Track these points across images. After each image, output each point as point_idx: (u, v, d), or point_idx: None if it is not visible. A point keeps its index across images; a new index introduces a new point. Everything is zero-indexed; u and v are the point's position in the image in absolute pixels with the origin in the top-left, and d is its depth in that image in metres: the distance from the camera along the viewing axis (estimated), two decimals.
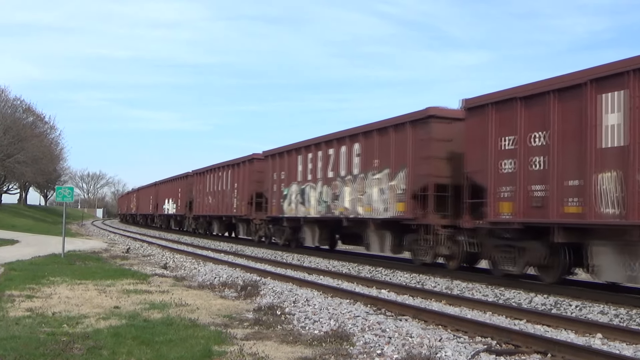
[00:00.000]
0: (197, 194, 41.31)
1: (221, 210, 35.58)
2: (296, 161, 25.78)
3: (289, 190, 26.12)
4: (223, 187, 35.47)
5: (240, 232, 34.26)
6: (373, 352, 7.54)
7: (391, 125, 19.13)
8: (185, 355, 7.09)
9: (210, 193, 38.05)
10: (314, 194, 23.74)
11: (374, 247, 20.24)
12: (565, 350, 7.46)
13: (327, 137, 23.38)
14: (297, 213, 25.11)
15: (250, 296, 12.44)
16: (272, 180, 28.17)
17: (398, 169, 18.52)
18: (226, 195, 34.79)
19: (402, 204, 18.22)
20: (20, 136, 55.40)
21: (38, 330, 8.32)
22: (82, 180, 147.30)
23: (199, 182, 40.95)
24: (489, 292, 13.92)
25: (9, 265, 17.34)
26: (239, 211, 32.44)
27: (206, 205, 38.85)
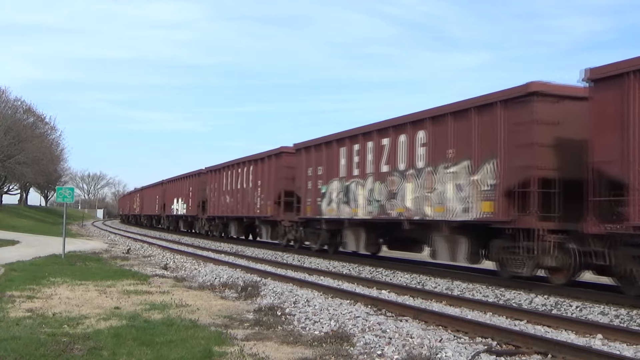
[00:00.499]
0: (211, 193, 38.01)
1: (241, 211, 32.33)
2: (337, 154, 22.23)
3: (329, 187, 22.76)
4: (243, 185, 32.09)
5: (263, 235, 30.54)
6: (373, 352, 7.54)
7: (473, 107, 15.68)
8: (186, 356, 7.09)
9: (227, 192, 34.79)
10: (363, 192, 20.45)
11: (442, 255, 16.99)
12: (566, 350, 7.46)
13: (380, 125, 19.90)
14: (340, 214, 21.82)
15: (251, 297, 12.44)
16: (305, 177, 24.65)
17: (483, 161, 15.26)
18: (247, 194, 31.44)
19: (490, 203, 14.93)
20: (21, 137, 55.42)
21: (38, 331, 8.32)
22: (83, 180, 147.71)
23: (214, 180, 37.66)
24: (490, 292, 13.92)
25: (9, 265, 17.35)
26: (263, 212, 29.05)
27: (222, 205, 35.59)
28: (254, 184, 30.60)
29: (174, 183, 50.60)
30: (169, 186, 52.26)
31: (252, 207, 30.47)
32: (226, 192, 35.05)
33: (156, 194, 57.91)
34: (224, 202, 35.36)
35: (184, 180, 46.36)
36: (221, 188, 35.98)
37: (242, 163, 32.89)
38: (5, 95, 57.27)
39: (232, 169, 34.33)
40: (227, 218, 35.40)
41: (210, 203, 38.14)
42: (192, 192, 43.28)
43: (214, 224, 38.67)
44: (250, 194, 30.93)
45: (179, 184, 47.98)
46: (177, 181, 49.24)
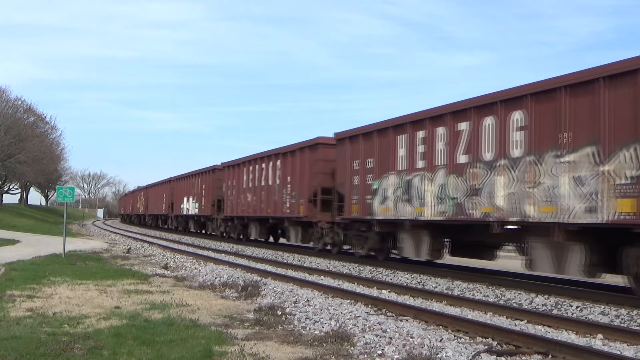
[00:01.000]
0: (228, 190, 34.55)
1: (265, 211, 28.97)
2: (394, 143, 18.93)
3: (382, 183, 19.46)
4: (269, 181, 28.65)
5: (291, 237, 26.86)
6: (374, 352, 7.54)
7: (602, 77, 12.49)
8: (186, 355, 7.09)
9: (248, 189, 31.31)
10: (431, 188, 17.18)
11: (543, 265, 14.01)
12: (566, 350, 7.45)
13: (455, 106, 16.62)
14: (399, 214, 18.47)
15: (251, 296, 12.43)
16: (350, 171, 21.36)
17: (618, 146, 12.10)
18: (273, 191, 28.07)
19: (630, 201, 11.80)
20: (21, 136, 55.44)
21: (39, 330, 8.31)
22: (83, 180, 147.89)
23: (232, 176, 34.14)
24: (490, 292, 13.91)
25: (9, 265, 17.35)
26: (293, 211, 25.66)
27: (242, 204, 32.17)
28: (282, 180, 27.18)
29: (183, 180, 46.79)
30: (177, 184, 48.75)
31: (280, 207, 27.16)
32: (247, 190, 31.62)
33: (163, 192, 54.52)
34: (244, 200, 31.97)
35: (196, 178, 42.74)
36: (241, 185, 32.64)
37: (267, 157, 29.20)
38: (5, 94, 57.37)
39: (254, 164, 30.83)
40: (248, 218, 31.93)
41: (228, 202, 34.70)
42: (206, 190, 39.83)
43: (231, 224, 35.27)
44: (277, 192, 27.59)
45: (190, 182, 44.27)
46: (188, 178, 45.25)
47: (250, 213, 31.18)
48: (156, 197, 58.28)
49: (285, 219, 26.69)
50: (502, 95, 15.03)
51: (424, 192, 17.47)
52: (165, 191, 53.10)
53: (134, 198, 78.25)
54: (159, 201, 56.21)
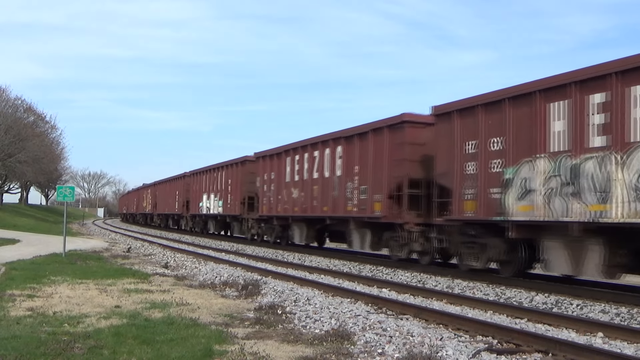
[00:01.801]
0: (264, 185, 29.23)
1: (318, 209, 23.52)
2: (544, 114, 13.82)
3: (521, 170, 14.35)
4: (324, 172, 23.30)
5: (354, 242, 21.56)
6: (374, 351, 7.54)
7: None
8: (186, 354, 7.09)
9: (293, 184, 25.91)
10: (622, 176, 11.99)
11: None
12: (567, 349, 7.46)
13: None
14: (555, 213, 13.34)
15: (251, 295, 12.43)
16: (460, 156, 16.14)
17: None
18: (330, 185, 22.69)
19: None
20: (21, 136, 55.41)
21: (39, 330, 8.31)
22: (83, 179, 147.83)
23: (269, 168, 28.82)
24: (490, 291, 13.91)
25: (10, 264, 17.34)
26: (364, 210, 20.29)
27: (284, 201, 26.79)
28: (345, 170, 21.74)
29: (203, 175, 41.02)
30: (195, 180, 42.91)
31: (341, 204, 21.78)
32: (291, 185, 26.19)
33: (175, 189, 48.95)
34: (286, 197, 26.57)
35: (219, 171, 37.12)
36: (282, 179, 27.07)
37: (322, 143, 23.66)
38: (5, 94, 57.30)
39: (302, 152, 25.37)
40: (292, 219, 26.37)
41: (263, 199, 29.25)
42: (233, 185, 34.38)
43: (266, 226, 29.92)
44: (337, 186, 22.17)
45: (211, 177, 38.76)
46: (209, 173, 39.63)
47: (295, 212, 25.74)
48: (167, 195, 53.00)
49: (351, 220, 21.11)
50: None
51: (606, 181, 12.29)
52: (179, 188, 47.78)
53: (139, 196, 72.65)
54: (171, 199, 51.04)
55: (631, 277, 14.24)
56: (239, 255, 24.07)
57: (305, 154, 25.08)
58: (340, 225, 22.65)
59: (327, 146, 23.26)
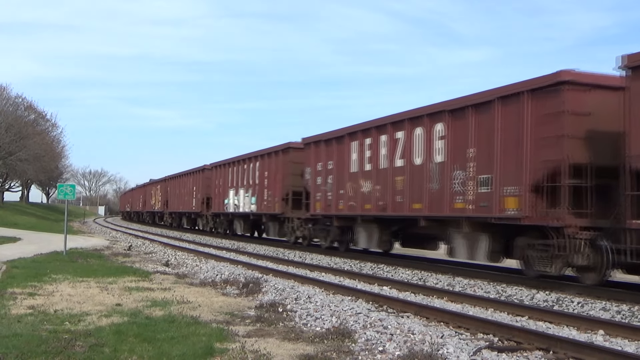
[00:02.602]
0: (317, 178, 23.80)
1: (403, 207, 18.23)
2: None
3: None
4: (413, 159, 17.86)
5: (459, 251, 16.69)
6: (375, 349, 7.54)
7: None
8: (187, 352, 7.09)
9: (363, 175, 20.55)
10: None
11: None
12: (568, 346, 7.45)
13: None
14: None
15: (252, 293, 12.44)
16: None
17: None
18: (425, 175, 17.30)
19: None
20: (22, 134, 55.44)
21: (40, 328, 8.32)
22: (84, 177, 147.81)
23: (323, 156, 23.39)
24: (491, 289, 13.91)
25: (11, 262, 17.36)
26: (489, 208, 15.07)
27: (348, 197, 21.51)
28: (451, 155, 16.41)
29: (229, 168, 35.59)
30: (218, 173, 37.66)
31: (446, 200, 16.46)
32: (360, 176, 20.78)
33: (193, 184, 43.65)
34: (352, 192, 21.34)
35: (252, 162, 31.68)
36: (345, 169, 21.80)
37: (409, 121, 18.22)
38: (6, 92, 57.32)
39: (377, 134, 19.92)
40: (362, 218, 21.04)
41: (317, 195, 23.91)
42: (271, 178, 28.94)
43: (320, 227, 24.45)
44: (438, 176, 16.88)
45: (240, 169, 33.42)
46: (237, 165, 34.14)
47: (365, 211, 20.37)
48: (181, 191, 47.32)
49: (464, 221, 16.00)
50: None
51: None
52: (197, 183, 42.43)
53: (145, 193, 66.54)
54: (187, 196, 45.39)
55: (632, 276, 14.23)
56: (239, 253, 24.08)
57: (382, 136, 19.54)
58: (435, 228, 17.77)
59: (419, 124, 17.73)
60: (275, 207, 28.09)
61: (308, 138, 24.99)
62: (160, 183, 56.79)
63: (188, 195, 45.07)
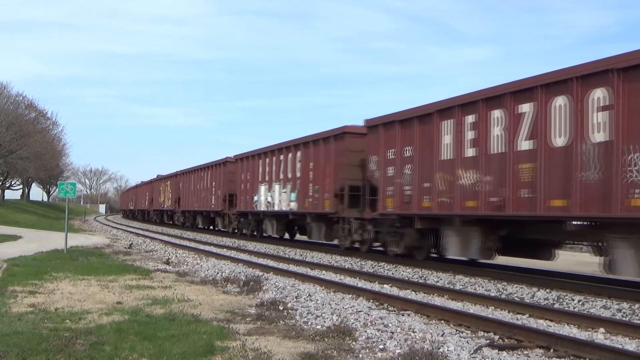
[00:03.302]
0: (387, 169, 19.03)
1: (537, 204, 13.66)
2: None
3: None
4: (551, 140, 13.57)
5: (627, 266, 12.23)
6: (375, 347, 7.54)
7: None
8: (188, 350, 7.09)
9: (463, 162, 15.94)
10: None
11: None
12: (568, 344, 7.45)
13: None
14: None
15: (253, 291, 12.44)
16: None
17: None
18: (583, 160, 12.76)
19: None
20: (23, 132, 55.46)
21: (41, 326, 8.32)
22: (85, 176, 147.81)
23: (397, 141, 18.56)
24: (492, 287, 13.91)
25: (12, 261, 17.37)
26: None
27: (438, 192, 16.75)
28: (623, 132, 12.03)
29: (259, 160, 30.52)
30: (244, 166, 32.83)
31: (609, 194, 12.11)
32: (456, 165, 16.08)
33: (211, 180, 38.96)
34: (441, 185, 16.65)
35: (289, 152, 26.90)
36: (433, 156, 16.92)
37: (544, 88, 13.85)
38: (7, 90, 57.35)
39: (483, 110, 15.34)
40: (462, 219, 16.05)
41: (385, 190, 19.06)
42: (317, 171, 24.18)
43: (390, 230, 19.58)
44: (592, 161, 12.65)
45: (276, 160, 28.29)
46: (272, 155, 28.90)
47: (467, 209, 15.67)
48: (197, 188, 42.54)
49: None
50: None
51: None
52: (217, 178, 37.84)
53: (152, 190, 61.49)
54: (204, 192, 40.50)
55: None
56: (240, 251, 24.07)
57: (494, 111, 15.06)
58: (586, 234, 14.02)
59: (561, 92, 13.38)
60: (325, 204, 23.31)
61: (374, 119, 20.05)
62: (171, 179, 51.61)
63: (206, 191, 40.09)
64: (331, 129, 23.54)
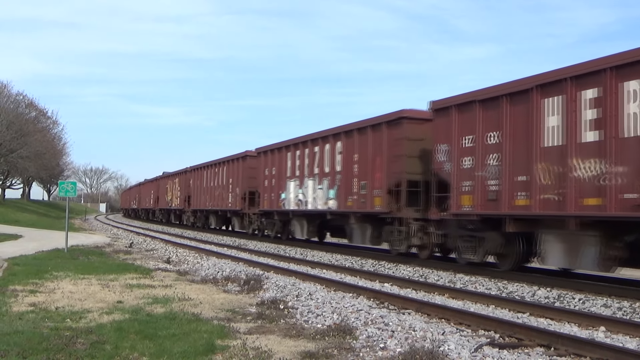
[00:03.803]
0: (465, 158, 15.92)
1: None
2: None
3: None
4: None
5: None
6: (376, 345, 7.54)
7: None
8: (188, 349, 7.09)
9: (571, 150, 12.95)
10: None
11: None
12: (569, 343, 7.45)
13: None
14: None
15: (253, 290, 12.44)
16: None
17: None
18: None
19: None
20: (23, 131, 55.47)
21: (41, 325, 8.32)
22: (85, 175, 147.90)
23: (475, 126, 15.59)
24: (492, 285, 13.91)
25: (12, 260, 17.37)
26: None
27: (538, 186, 13.74)
28: None
29: (286, 153, 27.14)
30: (268, 160, 29.15)
31: None
32: (567, 152, 13.12)
33: (228, 176, 35.58)
34: (543, 178, 13.68)
35: (325, 143, 23.54)
36: (529, 142, 14.09)
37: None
38: (7, 89, 57.35)
39: (612, 82, 12.19)
40: (578, 220, 12.82)
41: (460, 185, 16.10)
42: (363, 164, 20.84)
43: (465, 234, 16.41)
44: None
45: (309, 153, 24.85)
46: (299, 148, 25.88)
47: (588, 209, 12.61)
48: (210, 185, 39.34)
49: None
50: None
51: None
52: (235, 174, 34.58)
53: (158, 188, 57.28)
54: (219, 190, 37.30)
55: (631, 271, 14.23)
56: (241, 250, 24.07)
57: (629, 82, 11.92)
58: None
59: None
60: (375, 202, 20.01)
61: (444, 100, 16.98)
62: (180, 176, 47.53)
63: (221, 189, 36.58)
64: (384, 114, 20.12)
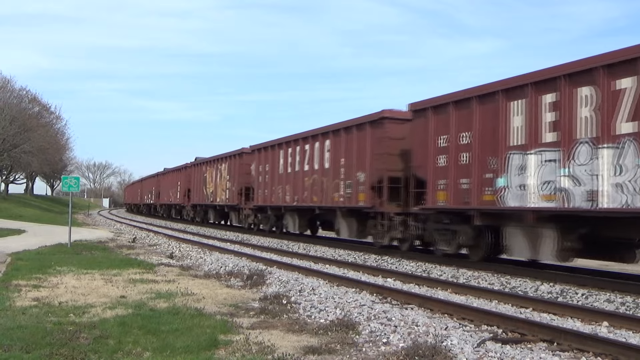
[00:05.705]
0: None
1: None
2: None
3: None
4: None
5: None
6: (379, 340, 7.54)
7: None
8: (191, 344, 7.10)
9: None
10: None
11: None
12: (572, 338, 7.44)
13: None
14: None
15: (256, 285, 12.45)
16: None
17: None
18: None
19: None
20: (26, 126, 55.56)
21: (44, 320, 8.34)
22: (88, 170, 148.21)
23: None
24: (495, 280, 13.90)
25: (15, 255, 17.42)
26: None
27: None
28: None
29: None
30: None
31: None
32: None
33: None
34: None
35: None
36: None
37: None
38: (10, 84, 57.40)
39: None
40: None
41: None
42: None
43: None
44: None
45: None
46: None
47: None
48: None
49: None
50: None
51: None
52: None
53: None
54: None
55: None
56: (244, 245, 24.09)
57: None
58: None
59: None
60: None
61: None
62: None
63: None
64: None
